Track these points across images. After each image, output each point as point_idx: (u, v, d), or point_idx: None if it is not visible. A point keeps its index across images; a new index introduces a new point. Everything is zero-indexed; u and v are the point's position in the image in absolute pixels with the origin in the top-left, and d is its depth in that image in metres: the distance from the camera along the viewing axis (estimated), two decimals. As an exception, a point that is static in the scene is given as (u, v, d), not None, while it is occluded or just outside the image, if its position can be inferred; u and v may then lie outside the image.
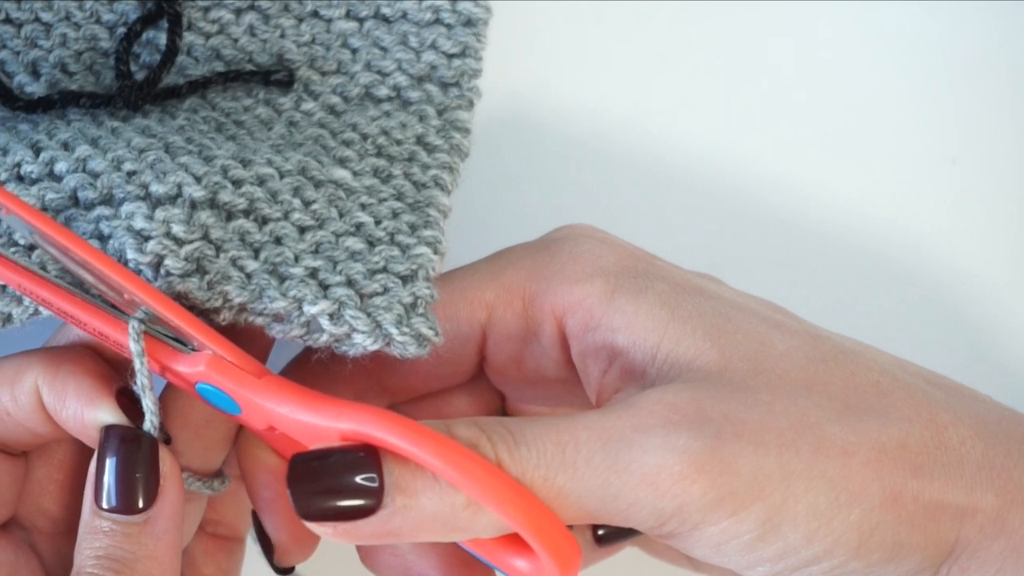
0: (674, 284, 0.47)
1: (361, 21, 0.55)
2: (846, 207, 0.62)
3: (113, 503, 0.45)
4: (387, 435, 0.42)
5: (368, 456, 0.42)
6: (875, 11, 0.64)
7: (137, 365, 0.45)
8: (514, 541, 0.43)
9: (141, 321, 0.45)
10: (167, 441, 0.47)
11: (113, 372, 0.47)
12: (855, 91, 0.64)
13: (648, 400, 0.44)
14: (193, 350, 0.45)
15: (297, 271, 0.46)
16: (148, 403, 0.45)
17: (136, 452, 0.46)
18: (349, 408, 0.43)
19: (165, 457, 0.46)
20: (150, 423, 0.46)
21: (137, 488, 0.45)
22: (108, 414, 0.46)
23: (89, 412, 0.46)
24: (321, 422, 0.43)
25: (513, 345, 0.50)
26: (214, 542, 0.52)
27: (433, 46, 0.54)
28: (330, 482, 0.42)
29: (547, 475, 0.42)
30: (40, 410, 0.47)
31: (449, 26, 0.55)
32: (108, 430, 0.46)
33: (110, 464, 0.45)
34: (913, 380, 0.46)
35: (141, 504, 0.45)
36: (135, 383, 0.45)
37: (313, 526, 0.43)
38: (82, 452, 0.50)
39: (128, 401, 0.46)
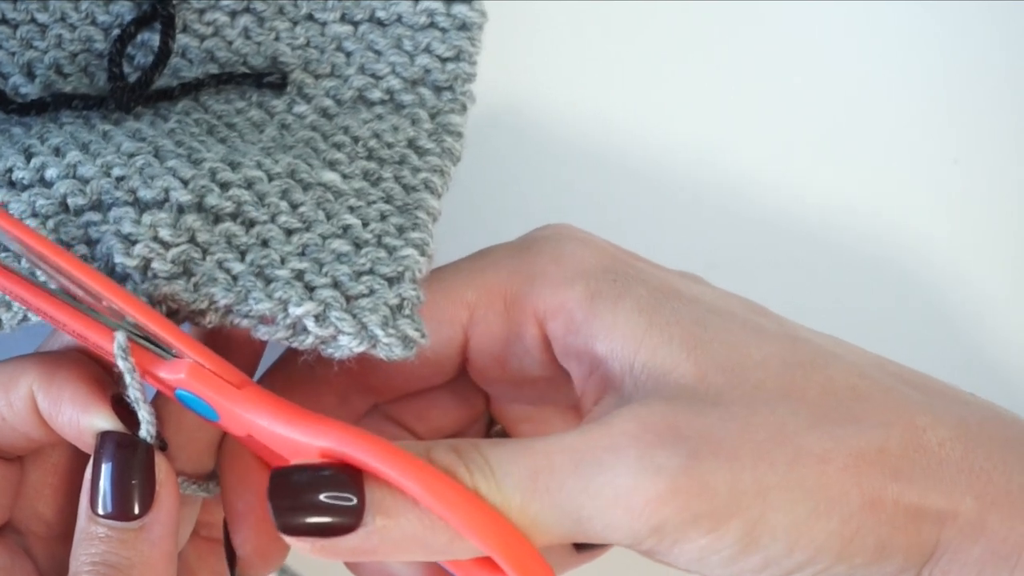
0: (653, 288, 0.47)
1: (356, 24, 0.55)
2: (846, 207, 0.62)
3: (109, 509, 0.45)
4: (366, 457, 0.42)
5: (349, 475, 0.42)
6: (875, 11, 0.64)
7: (127, 380, 0.45)
8: (491, 562, 0.43)
9: (126, 333, 0.45)
10: (163, 447, 0.47)
11: (108, 377, 0.47)
12: (855, 91, 0.63)
13: (621, 419, 0.43)
14: (174, 356, 0.45)
15: (283, 273, 0.46)
16: (144, 414, 0.45)
17: (132, 458, 0.45)
18: (329, 425, 0.43)
19: (161, 463, 0.46)
20: (146, 432, 0.46)
21: (133, 494, 0.45)
22: (104, 420, 0.46)
23: (85, 418, 0.46)
24: (300, 438, 0.43)
25: (495, 345, 0.49)
26: (208, 545, 0.52)
27: (427, 50, 0.54)
28: (311, 498, 0.42)
29: (522, 504, 0.42)
30: (35, 415, 0.47)
31: (444, 30, 0.54)
32: (104, 436, 0.46)
33: (106, 470, 0.45)
34: (892, 382, 0.46)
35: (137, 510, 0.45)
36: (126, 392, 0.45)
37: (292, 541, 0.43)
38: (78, 456, 0.49)
39: (123, 407, 0.46)
